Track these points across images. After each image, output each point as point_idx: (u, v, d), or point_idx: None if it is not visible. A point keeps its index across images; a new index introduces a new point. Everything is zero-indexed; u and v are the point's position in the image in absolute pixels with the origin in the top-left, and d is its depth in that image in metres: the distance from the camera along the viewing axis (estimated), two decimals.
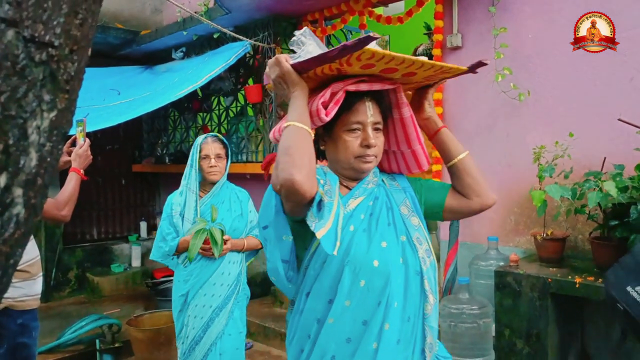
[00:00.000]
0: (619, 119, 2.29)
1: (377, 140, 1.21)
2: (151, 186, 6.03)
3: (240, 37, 4.04)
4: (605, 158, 2.39)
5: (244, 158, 4.56)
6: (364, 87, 1.15)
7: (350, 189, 1.25)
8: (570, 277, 2.26)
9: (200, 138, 2.45)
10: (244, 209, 2.48)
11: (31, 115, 0.49)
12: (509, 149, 2.98)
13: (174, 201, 2.42)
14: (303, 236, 1.19)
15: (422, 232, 1.25)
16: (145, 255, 5.58)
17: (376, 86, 1.17)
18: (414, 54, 4.06)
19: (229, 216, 2.42)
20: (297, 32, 1.21)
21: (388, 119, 1.26)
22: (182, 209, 2.39)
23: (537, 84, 2.85)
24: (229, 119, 4.85)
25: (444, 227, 3.26)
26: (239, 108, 4.76)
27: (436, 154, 3.26)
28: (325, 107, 1.12)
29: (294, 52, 1.20)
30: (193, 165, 2.40)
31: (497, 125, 3.04)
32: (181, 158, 5.22)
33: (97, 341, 3.50)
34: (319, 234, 1.05)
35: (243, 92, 4.55)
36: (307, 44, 1.17)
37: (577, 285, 2.21)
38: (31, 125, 0.49)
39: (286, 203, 1.14)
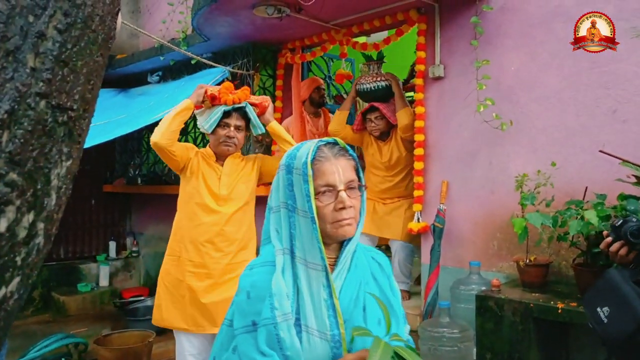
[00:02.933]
0: (601, 151, 2.32)
1: None
2: (122, 206, 6.03)
3: (217, 65, 4.18)
4: (587, 187, 2.45)
5: None
6: None
7: None
8: (552, 302, 2.29)
9: (309, 149, 1.12)
10: (393, 287, 1.24)
11: (54, 165, 0.61)
12: (492, 176, 3.04)
13: (275, 290, 1.06)
14: None
15: None
16: (113, 275, 5.56)
17: None
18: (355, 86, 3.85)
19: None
20: None
21: None
22: (294, 306, 1.08)
23: (519, 114, 2.94)
24: (204, 142, 4.95)
25: (425, 250, 3.32)
26: None
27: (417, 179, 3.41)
28: None
29: (272, 77, 1.20)
30: (305, 208, 1.09)
31: (480, 153, 3.11)
32: (154, 179, 5.28)
33: None
34: None
35: None
36: None
37: (559, 311, 2.24)
38: (53, 172, 0.61)
39: None
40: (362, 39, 4.38)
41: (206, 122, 2.42)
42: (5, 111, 0.53)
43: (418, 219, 3.34)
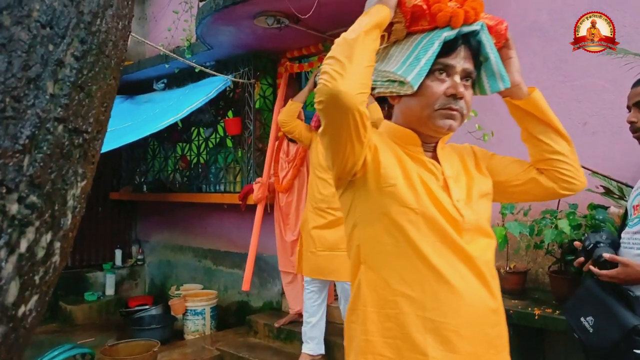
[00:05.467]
0: None
1: None
2: (128, 214, 6.06)
3: (219, 74, 4.23)
4: None
5: (222, 188, 4.69)
6: None
7: None
8: (530, 309, 2.37)
9: None
10: None
11: (70, 186, 0.63)
12: None
13: None
14: None
15: None
16: (119, 283, 5.59)
17: None
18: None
19: None
20: None
21: None
22: None
23: (500, 126, 3.01)
24: (208, 149, 4.99)
25: None
26: (218, 139, 4.91)
27: None
28: None
29: (272, 86, 1.03)
30: None
31: None
32: (159, 187, 5.31)
33: None
34: None
35: (223, 124, 4.70)
36: None
37: (536, 317, 2.31)
38: (69, 193, 0.63)
39: None
40: None
41: (407, 68, 1.06)
42: (26, 136, 0.55)
43: None
